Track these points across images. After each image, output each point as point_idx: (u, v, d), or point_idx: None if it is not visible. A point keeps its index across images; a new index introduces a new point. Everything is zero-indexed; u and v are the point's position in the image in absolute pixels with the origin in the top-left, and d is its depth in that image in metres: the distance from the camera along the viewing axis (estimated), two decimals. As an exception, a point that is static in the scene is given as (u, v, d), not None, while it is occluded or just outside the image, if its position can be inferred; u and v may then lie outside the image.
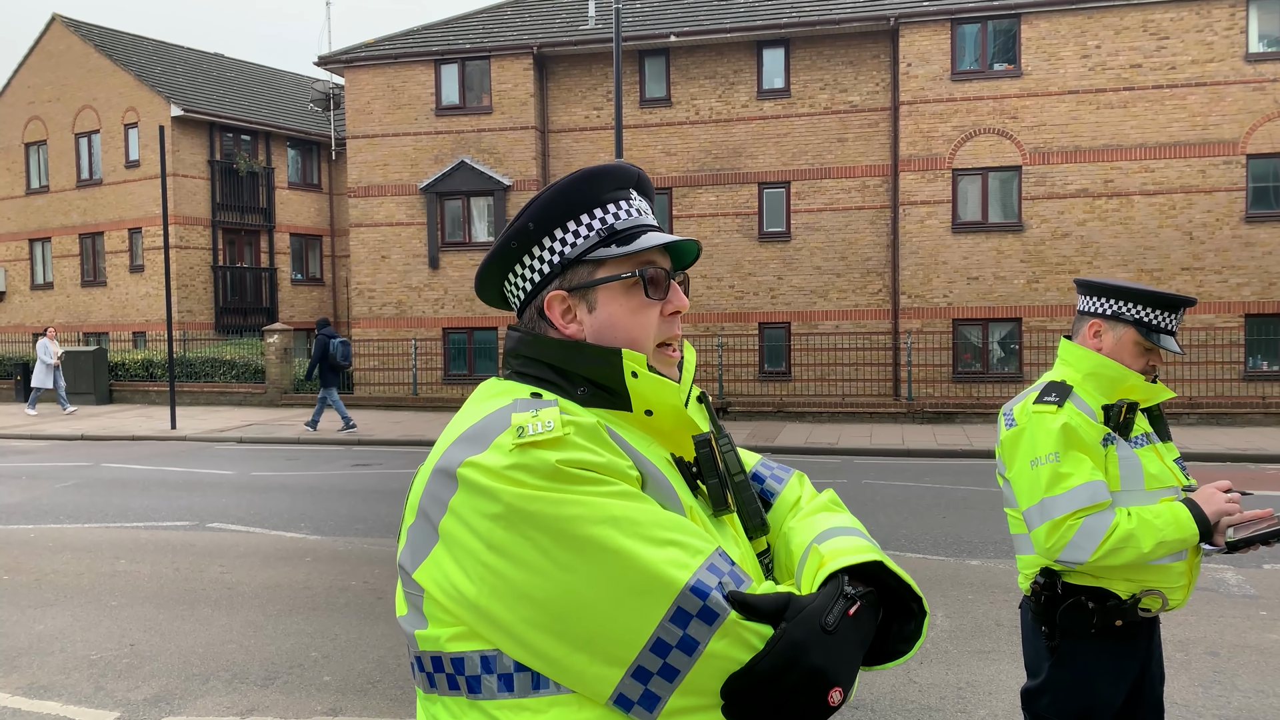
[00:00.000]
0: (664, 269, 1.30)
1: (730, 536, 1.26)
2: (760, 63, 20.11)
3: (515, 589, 1.07)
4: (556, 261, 1.28)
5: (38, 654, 5.49)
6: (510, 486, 1.08)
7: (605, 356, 1.23)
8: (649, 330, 1.28)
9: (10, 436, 16.93)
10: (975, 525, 8.52)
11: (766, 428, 16.42)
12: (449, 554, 1.12)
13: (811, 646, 1.07)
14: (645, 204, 1.34)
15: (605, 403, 1.23)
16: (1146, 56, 17.89)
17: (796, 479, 1.49)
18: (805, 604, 1.10)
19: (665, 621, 1.05)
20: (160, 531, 8.76)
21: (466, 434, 1.16)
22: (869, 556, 1.19)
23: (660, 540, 1.08)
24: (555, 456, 1.09)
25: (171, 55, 28.59)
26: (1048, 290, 18.47)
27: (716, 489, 1.25)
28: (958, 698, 4.68)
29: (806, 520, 1.35)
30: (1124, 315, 2.61)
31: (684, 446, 1.27)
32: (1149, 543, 2.41)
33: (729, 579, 1.10)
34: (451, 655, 1.13)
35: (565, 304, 1.28)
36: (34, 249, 28.18)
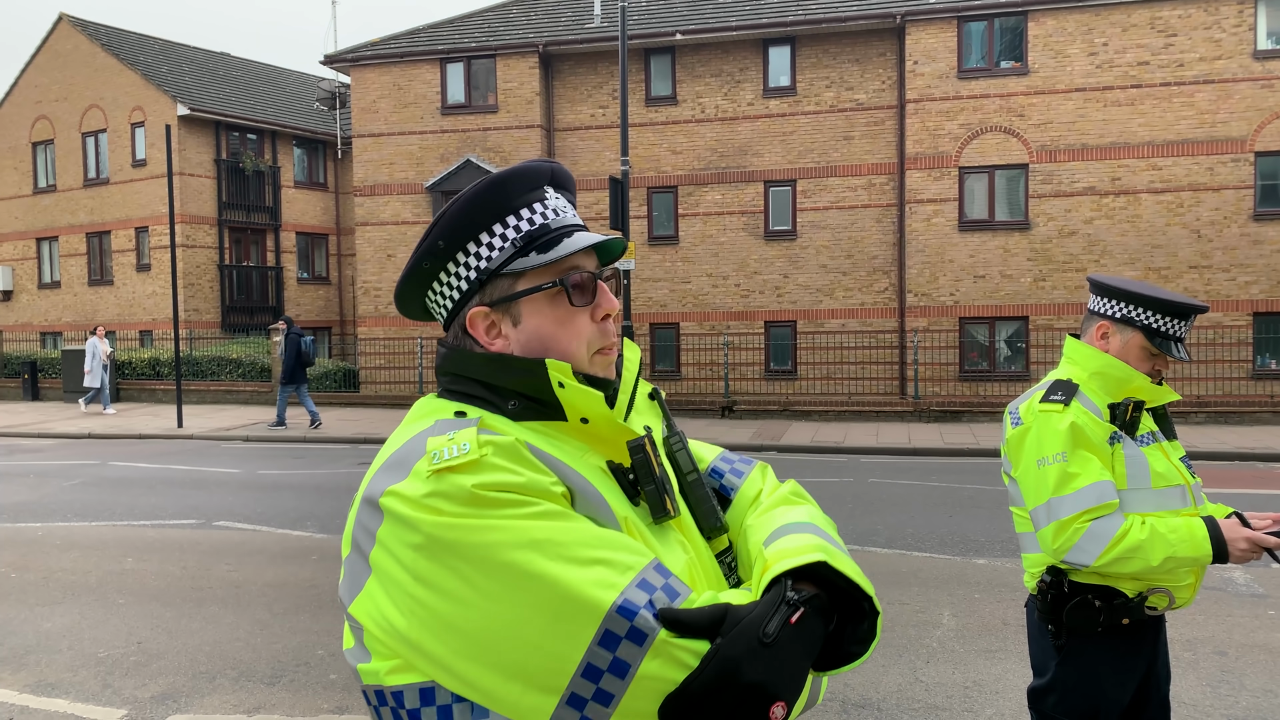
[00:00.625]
0: (589, 272, 1.25)
1: (675, 542, 1.20)
2: (766, 61, 20.09)
3: (442, 620, 1.04)
4: (473, 277, 1.23)
5: (46, 651, 5.51)
6: (429, 515, 1.05)
7: (530, 369, 1.19)
8: (580, 339, 1.24)
9: (18, 435, 16.99)
10: (982, 524, 8.50)
11: (772, 426, 16.41)
12: (380, 586, 1.09)
13: (748, 661, 1.02)
14: (564, 201, 1.29)
15: (538, 414, 1.20)
16: (1154, 54, 17.83)
17: (758, 471, 1.44)
18: (742, 615, 1.05)
19: (594, 645, 1.01)
20: (167, 530, 8.79)
21: (389, 461, 1.14)
22: (813, 557, 1.12)
23: (585, 560, 1.04)
24: (471, 481, 1.06)
25: (178, 54, 28.66)
26: (1054, 289, 18.43)
27: (654, 495, 1.19)
28: (964, 697, 4.67)
29: (765, 516, 1.30)
30: (1134, 320, 2.59)
31: (621, 452, 1.22)
32: (1158, 556, 2.39)
33: (662, 594, 1.05)
34: (391, 689, 1.11)
35: (489, 320, 1.24)
36: (41, 248, 28.27)
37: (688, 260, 20.61)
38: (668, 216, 20.80)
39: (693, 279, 20.59)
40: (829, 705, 4.56)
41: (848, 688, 4.77)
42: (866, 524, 8.59)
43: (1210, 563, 2.43)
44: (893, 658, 5.19)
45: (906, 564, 7.19)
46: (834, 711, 4.50)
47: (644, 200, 20.67)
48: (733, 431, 15.72)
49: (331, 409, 20.06)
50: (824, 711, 4.50)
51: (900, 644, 5.40)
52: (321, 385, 21.69)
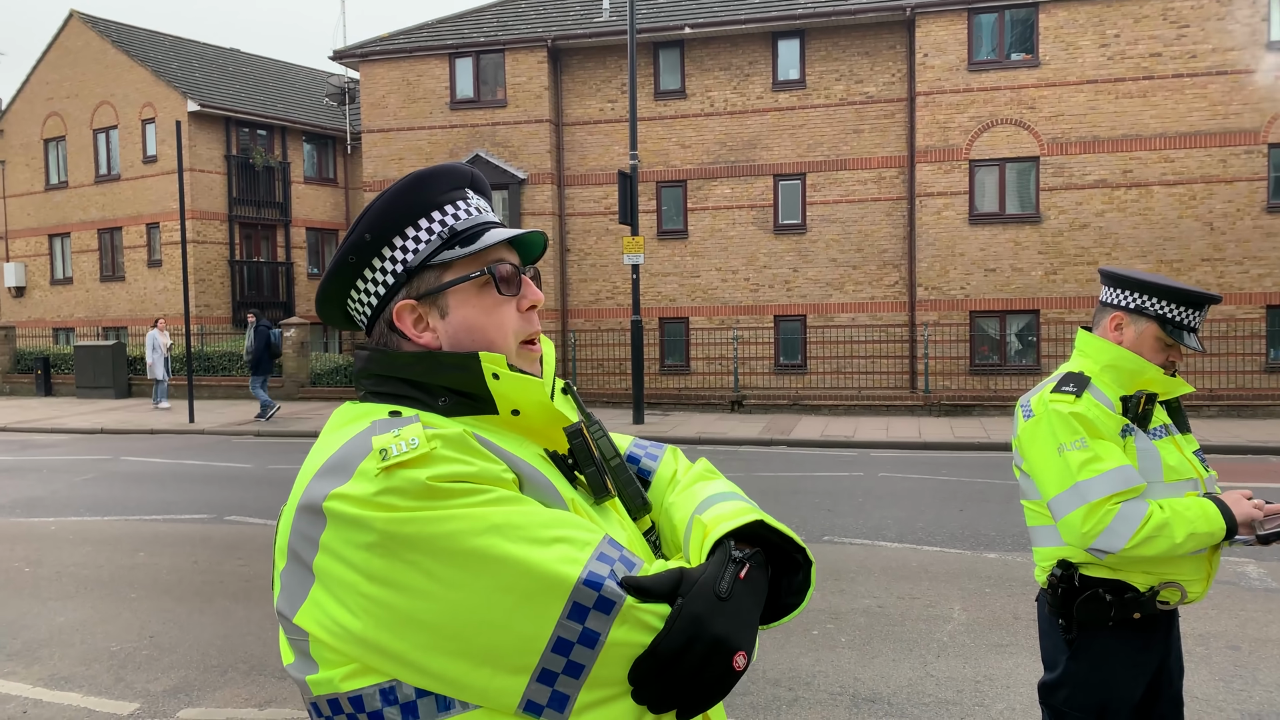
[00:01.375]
0: (513, 264, 1.27)
1: (615, 521, 1.24)
2: (775, 54, 20.02)
3: (403, 616, 1.04)
4: (400, 270, 1.24)
5: (59, 645, 5.55)
6: (382, 513, 1.04)
7: (463, 362, 1.19)
8: (507, 329, 1.26)
9: (31, 430, 17.09)
10: (993, 518, 8.47)
11: (782, 420, 16.39)
12: (328, 592, 1.07)
13: (710, 616, 1.06)
14: (484, 203, 1.32)
15: (469, 409, 1.21)
16: (1166, 45, 17.70)
17: (670, 454, 1.48)
18: (697, 575, 1.09)
19: (563, 619, 1.03)
20: (179, 524, 8.83)
21: (326, 466, 1.12)
22: (749, 517, 1.18)
23: (546, 539, 1.06)
24: (425, 474, 1.06)
25: (188, 51, 28.73)
26: (1066, 282, 18.34)
27: (595, 476, 1.23)
28: (975, 691, 4.66)
29: (685, 493, 1.34)
30: (1147, 310, 2.57)
31: (556, 440, 1.25)
32: (1181, 533, 2.37)
33: (620, 565, 1.08)
34: (348, 695, 1.09)
35: (415, 313, 1.25)
36: (53, 244, 28.41)
37: (697, 254, 20.58)
38: (677, 211, 20.77)
39: (702, 273, 20.56)
40: (838, 700, 4.55)
41: (858, 682, 4.77)
42: (876, 518, 8.57)
43: (1224, 537, 2.42)
44: (903, 652, 5.18)
45: (917, 558, 7.18)
46: (844, 707, 4.49)
47: (653, 194, 20.64)
48: (742, 425, 15.70)
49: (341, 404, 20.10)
50: (834, 707, 4.49)
51: (911, 638, 5.39)
52: (332, 380, 21.74)
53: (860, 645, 5.29)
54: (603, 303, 21.16)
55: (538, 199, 20.92)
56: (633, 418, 16.01)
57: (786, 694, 4.63)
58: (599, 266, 21.16)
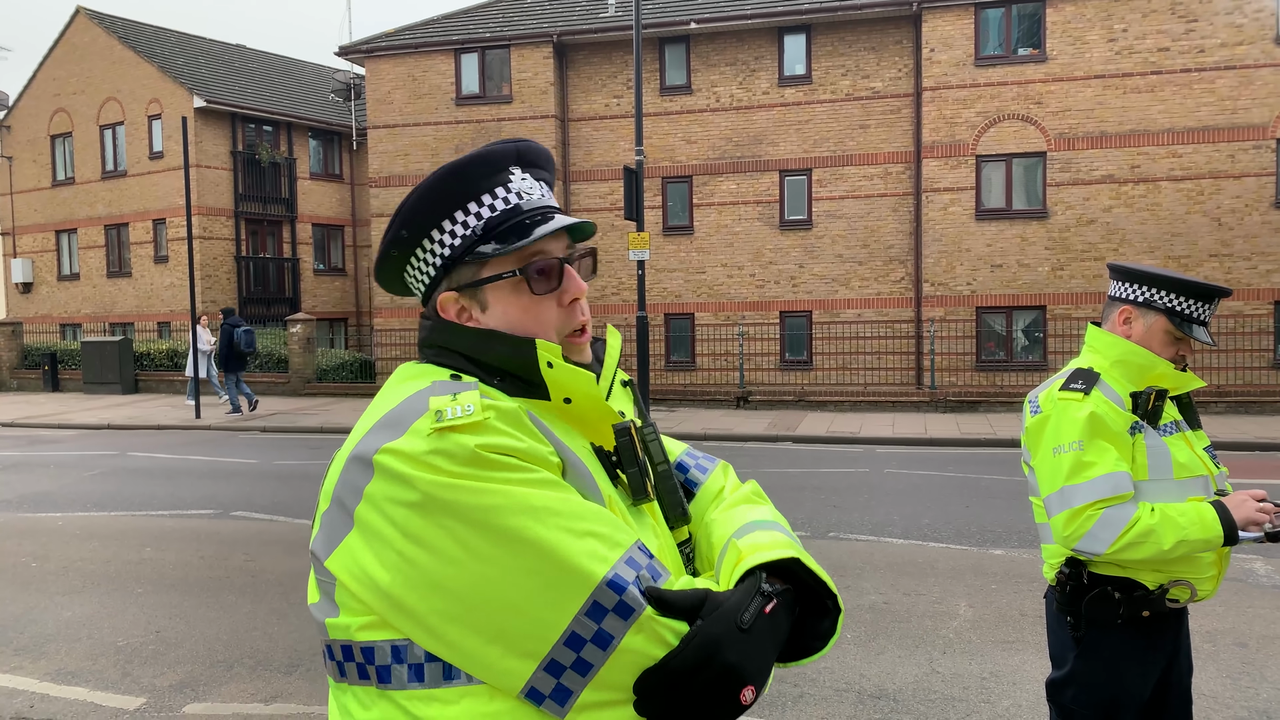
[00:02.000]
0: (555, 258, 1.24)
1: (649, 526, 1.24)
2: (781, 49, 19.98)
3: (429, 579, 1.05)
4: (439, 263, 1.25)
5: (66, 640, 5.56)
6: (427, 474, 1.06)
7: (519, 346, 1.20)
8: (547, 326, 1.24)
9: (38, 426, 17.15)
10: (999, 514, 8.45)
11: (787, 417, 16.37)
12: (364, 541, 1.09)
13: (726, 644, 1.05)
14: (532, 180, 1.28)
15: (522, 391, 1.21)
16: (1175, 40, 17.62)
17: (720, 469, 1.46)
18: (722, 601, 1.09)
19: (581, 615, 1.04)
20: (185, 520, 8.85)
21: (384, 419, 1.13)
22: (786, 553, 1.17)
23: (579, 531, 1.06)
24: (475, 441, 1.07)
25: (194, 47, 28.76)
26: (1073, 278, 18.28)
27: (636, 478, 1.23)
28: (981, 688, 4.65)
29: (728, 512, 1.33)
30: (1156, 303, 2.55)
31: (604, 435, 1.24)
32: (1169, 540, 2.37)
33: (646, 573, 1.08)
34: (361, 644, 1.11)
35: (458, 304, 1.25)
36: (60, 240, 28.48)
37: (703, 250, 20.56)
38: (682, 206, 20.75)
39: (708, 269, 20.53)
40: (844, 697, 4.55)
41: (863, 679, 4.76)
42: (882, 514, 8.55)
43: (1222, 544, 2.40)
44: (909, 649, 5.17)
45: (923, 554, 7.16)
46: (850, 703, 4.49)
47: (659, 190, 20.62)
48: (748, 421, 15.69)
49: (348, 399, 20.17)
50: (839, 703, 4.48)
51: (917, 635, 5.38)
52: (338, 376, 21.78)
53: (866, 641, 5.28)
54: (608, 299, 21.15)
55: (543, 195, 20.89)
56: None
57: (792, 690, 4.62)
58: (604, 263, 21.15)
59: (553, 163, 1.34)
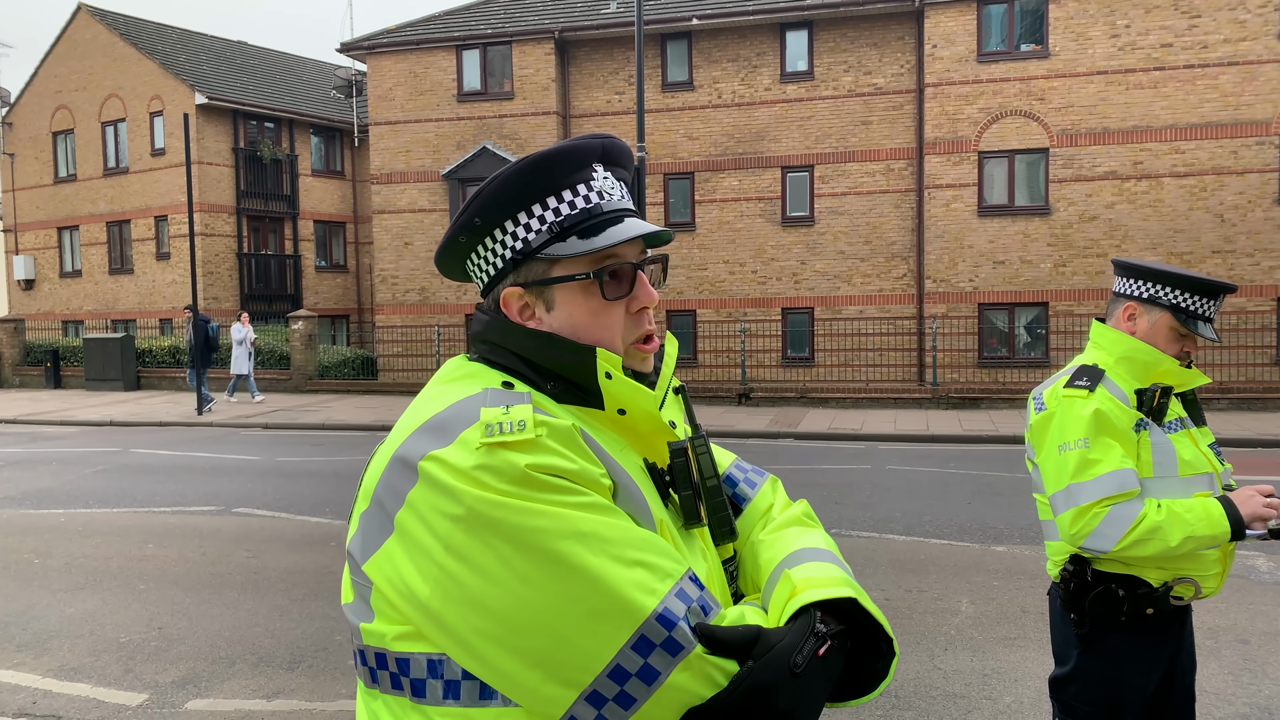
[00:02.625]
0: (628, 263, 1.20)
1: (699, 550, 1.20)
2: (783, 45, 19.95)
3: (470, 596, 1.02)
4: (509, 257, 1.20)
5: (68, 636, 5.57)
6: (474, 489, 1.02)
7: (578, 353, 1.16)
8: (614, 332, 1.20)
9: (41, 422, 17.16)
10: (1001, 511, 8.44)
11: (789, 413, 16.36)
12: (403, 549, 1.06)
13: (778, 689, 1.02)
14: (612, 181, 1.23)
15: (576, 399, 1.17)
16: (1178, 35, 17.58)
17: (769, 485, 1.43)
18: (774, 640, 1.05)
19: (626, 648, 1.00)
20: (187, 516, 8.85)
21: (431, 422, 1.09)
22: (843, 591, 1.13)
23: (629, 560, 1.02)
24: (525, 460, 1.03)
25: (195, 43, 28.75)
26: (1075, 274, 18.26)
27: (689, 501, 1.18)
28: (983, 684, 4.65)
29: (777, 535, 1.29)
30: (1161, 299, 2.54)
31: (658, 452, 1.20)
32: (1176, 536, 2.36)
33: (698, 606, 1.04)
34: (397, 655, 1.08)
35: (522, 301, 1.21)
36: (62, 237, 28.49)
37: (704, 247, 20.54)
38: (684, 203, 20.73)
39: (709, 266, 20.52)
40: (846, 692, 4.54)
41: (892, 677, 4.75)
42: (884, 511, 8.55)
43: (1229, 540, 2.40)
44: (910, 645, 5.17)
45: (924, 551, 7.16)
46: (851, 699, 4.48)
47: (660, 187, 20.61)
48: (750, 418, 15.69)
49: (350, 396, 20.18)
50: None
51: (918, 631, 5.38)
52: (340, 373, 21.80)
53: (868, 638, 5.27)
54: (610, 295, 21.12)
55: (545, 191, 20.88)
56: (640, 410, 15.99)
57: None
58: (606, 259, 21.12)
59: (633, 161, 1.30)
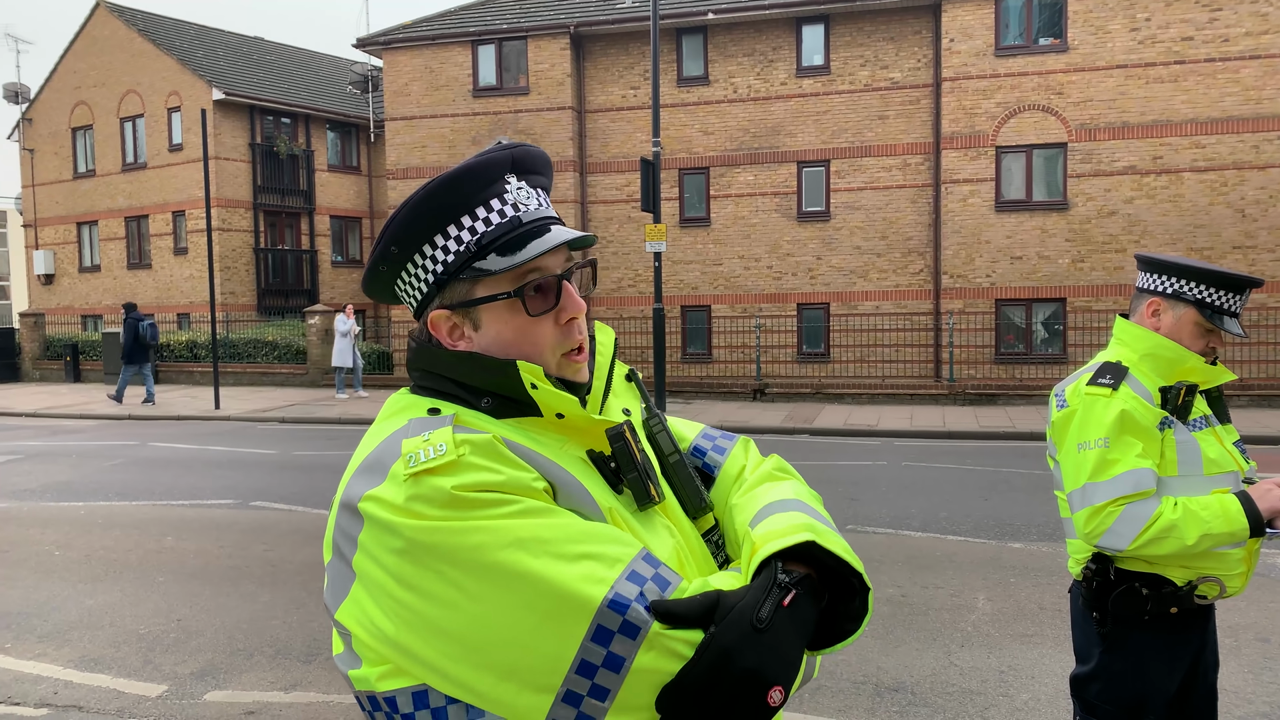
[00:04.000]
0: (552, 275, 1.19)
1: (661, 527, 1.19)
2: (799, 40, 19.86)
3: (429, 623, 1.03)
4: (431, 280, 1.20)
5: (89, 628, 5.61)
6: (410, 519, 1.03)
7: (501, 368, 1.16)
8: (542, 347, 1.19)
9: (60, 416, 17.31)
10: (1018, 508, 8.40)
11: (804, 409, 16.32)
12: (365, 591, 1.07)
13: (742, 649, 1.00)
14: (528, 190, 1.22)
15: (514, 411, 1.17)
16: (1199, 29, 17.41)
17: (740, 446, 1.41)
18: (734, 602, 1.03)
19: (587, 641, 1.00)
20: (205, 509, 8.91)
21: (365, 463, 1.11)
22: (800, 537, 1.10)
23: (573, 555, 1.02)
24: (450, 483, 1.04)
25: (213, 39, 28.89)
26: (1093, 270, 18.13)
27: (637, 483, 1.17)
28: (999, 681, 4.62)
29: (749, 495, 1.28)
30: (1185, 295, 2.51)
31: (601, 442, 1.19)
32: (1193, 535, 2.34)
33: (653, 584, 1.03)
34: (384, 694, 1.09)
35: (450, 323, 1.21)
36: (81, 232, 28.70)
37: (719, 242, 20.51)
38: (699, 198, 20.69)
39: (724, 261, 20.48)
40: (861, 689, 4.53)
41: (881, 671, 4.74)
42: (900, 507, 8.52)
43: (1250, 537, 2.37)
44: (926, 642, 5.15)
45: (941, 547, 7.13)
46: (867, 695, 4.47)
47: (675, 182, 20.57)
48: (765, 414, 15.66)
49: (367, 390, 20.25)
50: (856, 695, 4.47)
51: (934, 628, 5.36)
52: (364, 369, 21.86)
53: (883, 634, 5.26)
54: (624, 291, 21.14)
55: (560, 186, 20.90)
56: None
57: (809, 683, 4.61)
58: (621, 254, 21.13)
59: (550, 166, 1.28)
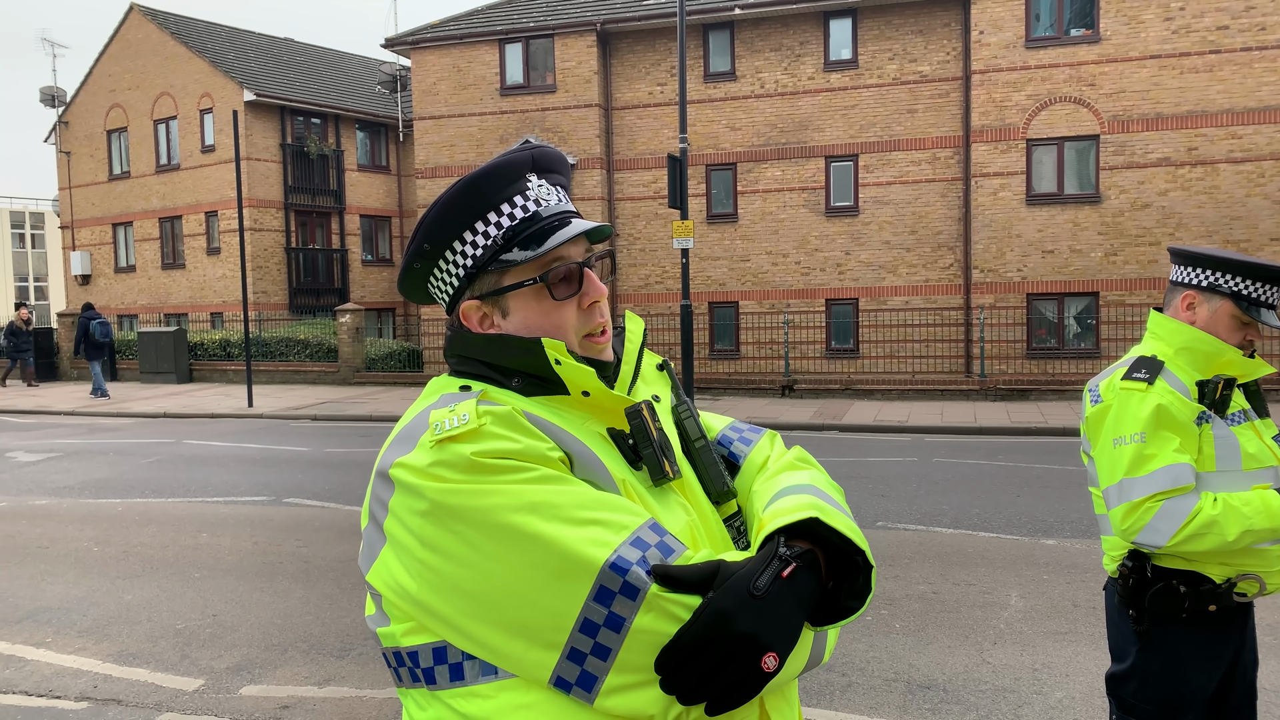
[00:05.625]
0: (574, 263, 1.28)
1: (675, 504, 1.24)
2: (827, 34, 19.75)
3: (448, 582, 1.10)
4: (461, 274, 1.29)
5: (127, 623, 5.71)
6: (432, 483, 1.11)
7: (528, 347, 1.24)
8: (567, 329, 1.28)
9: (98, 414, 17.58)
10: (1051, 504, 8.31)
11: (833, 405, 16.24)
12: (394, 553, 1.16)
13: (738, 613, 1.04)
14: (548, 188, 1.32)
15: (542, 390, 1.25)
16: (1234, 17, 17.11)
17: (767, 439, 1.46)
18: (734, 570, 1.08)
19: (590, 601, 1.06)
20: (240, 506, 9.02)
21: (399, 435, 1.21)
22: (805, 514, 1.15)
23: (580, 520, 1.09)
24: (471, 449, 1.12)
25: (244, 41, 29.19)
26: (1126, 263, 17.89)
27: (652, 458, 1.23)
28: (1033, 679, 4.58)
29: (769, 481, 1.33)
30: (1221, 287, 2.47)
31: (622, 421, 1.26)
32: (1234, 531, 2.30)
33: (656, 550, 1.09)
34: (407, 649, 1.17)
35: (480, 312, 1.30)
36: (117, 233, 29.13)
37: (747, 238, 20.45)
38: (726, 194, 20.64)
39: (752, 257, 20.42)
40: (892, 687, 4.51)
41: (913, 669, 4.72)
42: (931, 504, 8.46)
43: None
44: (959, 639, 5.11)
45: (973, 544, 7.07)
46: (899, 693, 4.45)
47: (702, 178, 20.54)
48: (793, 410, 15.60)
49: (396, 388, 20.41)
50: (888, 693, 4.45)
51: (966, 625, 5.32)
52: (386, 365, 22.05)
53: (915, 631, 5.23)
54: (652, 287, 21.14)
55: (587, 184, 20.94)
56: (683, 402, 15.96)
57: (840, 679, 4.60)
58: (648, 251, 21.13)
59: (568, 166, 1.38)
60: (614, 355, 1.35)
